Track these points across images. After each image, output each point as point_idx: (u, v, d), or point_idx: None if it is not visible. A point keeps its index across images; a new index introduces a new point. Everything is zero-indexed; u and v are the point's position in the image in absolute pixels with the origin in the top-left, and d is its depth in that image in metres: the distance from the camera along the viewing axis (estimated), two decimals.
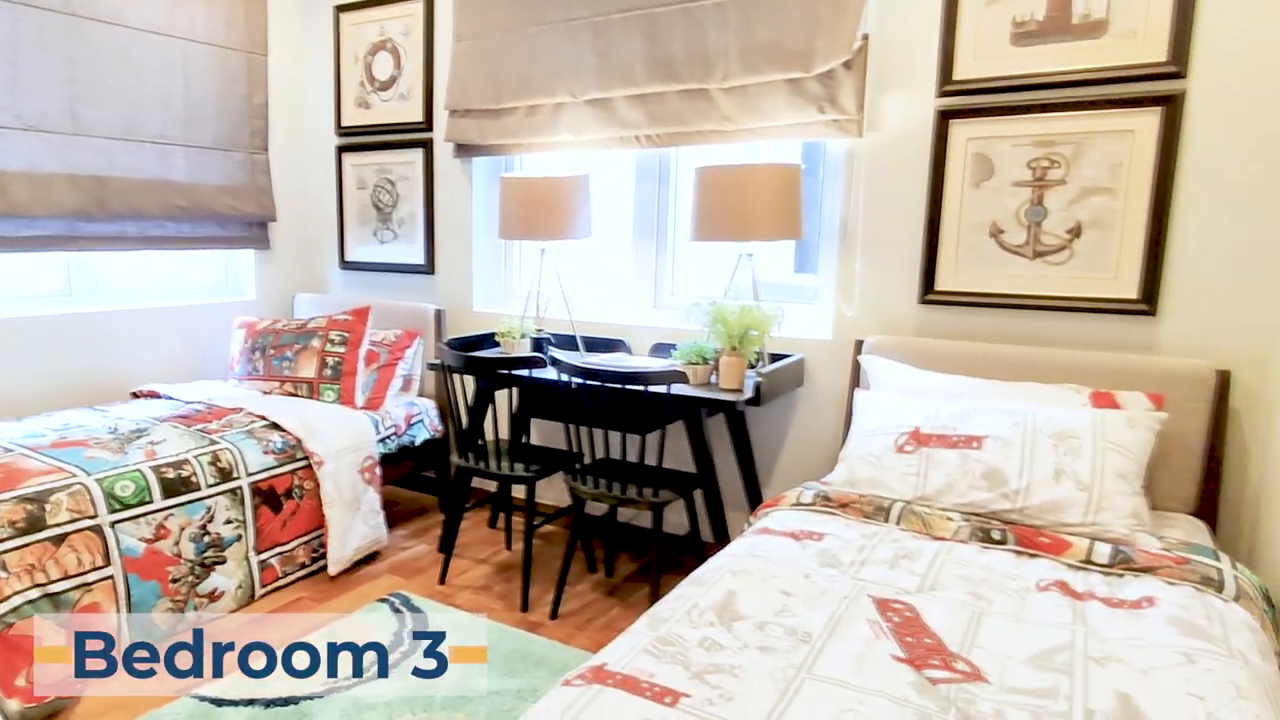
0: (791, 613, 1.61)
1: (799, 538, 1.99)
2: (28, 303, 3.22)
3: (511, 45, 3.28)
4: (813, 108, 2.67)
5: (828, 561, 1.86)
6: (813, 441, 2.88)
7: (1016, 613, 1.64)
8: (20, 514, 2.19)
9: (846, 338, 2.78)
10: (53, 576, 2.20)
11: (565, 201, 2.98)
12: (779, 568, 1.81)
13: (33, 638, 2.11)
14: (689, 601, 1.66)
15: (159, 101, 3.41)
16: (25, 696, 2.06)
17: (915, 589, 1.73)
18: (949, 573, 1.81)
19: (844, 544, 1.95)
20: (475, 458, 2.79)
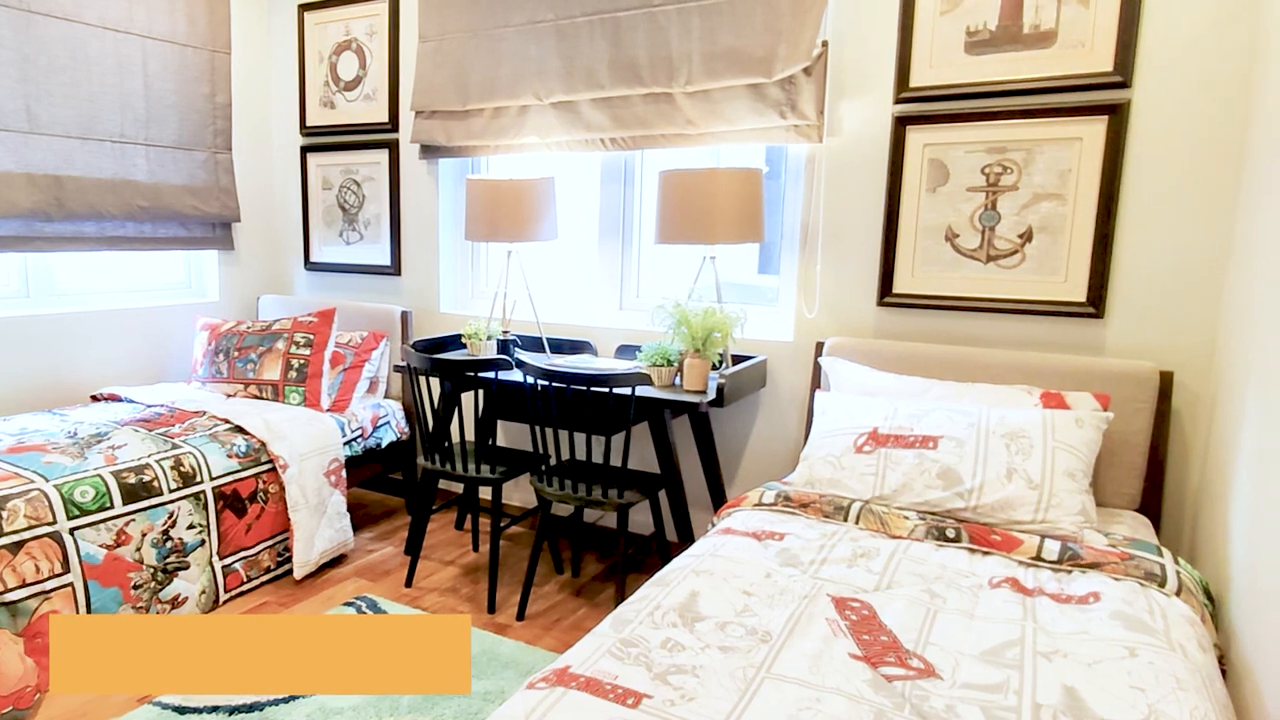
0: (752, 612, 1.63)
1: (760, 538, 2.01)
2: None
3: (477, 47, 3.25)
4: (774, 113, 2.68)
5: (788, 561, 1.88)
6: (775, 442, 2.91)
7: (969, 609, 1.67)
8: None
9: (808, 339, 2.80)
10: (9, 585, 2.14)
11: (531, 203, 2.96)
12: (741, 568, 1.83)
13: None
14: (652, 602, 1.67)
15: (118, 100, 3.32)
16: None
17: (872, 587, 1.75)
18: (905, 571, 1.83)
19: (804, 544, 1.97)
20: (441, 460, 2.77)
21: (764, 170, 2.69)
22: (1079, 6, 2.30)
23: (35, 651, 2.17)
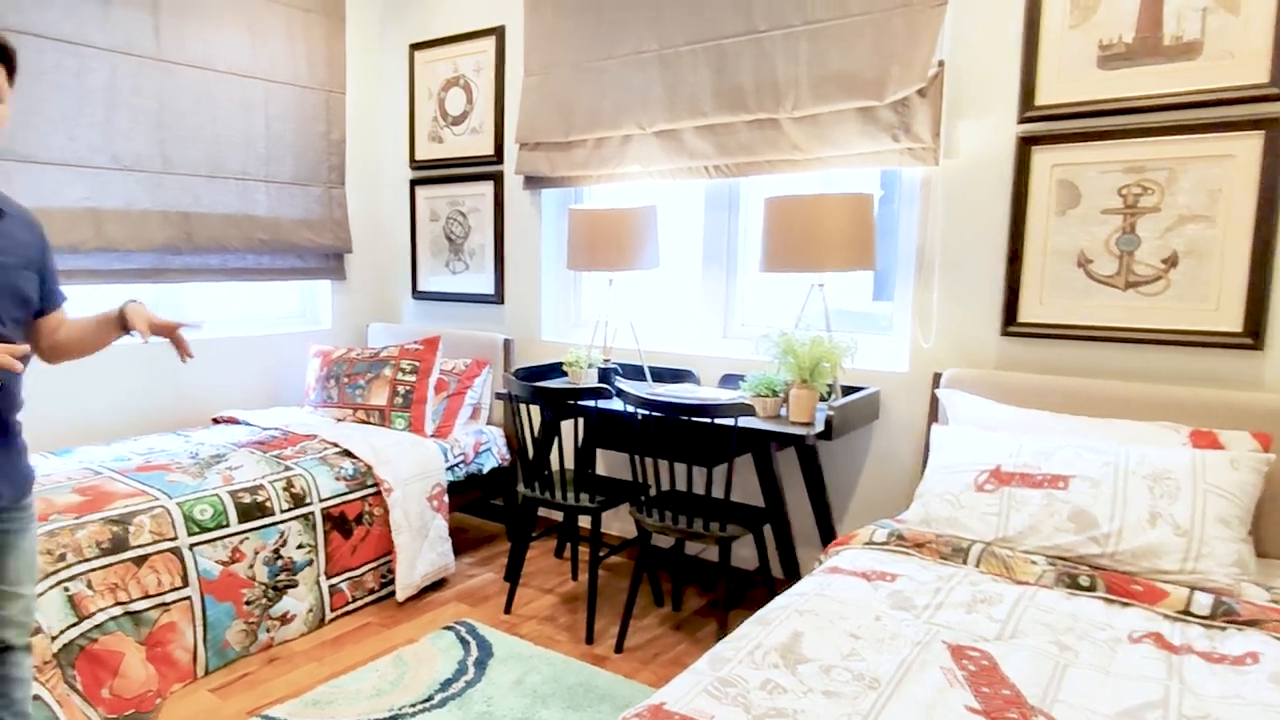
0: (859, 656, 1.60)
1: (870, 578, 1.97)
2: None
3: (580, 79, 3.40)
4: (886, 136, 2.68)
5: (900, 604, 1.84)
6: (888, 477, 2.85)
7: (1105, 665, 1.58)
8: (106, 535, 2.34)
9: (924, 370, 2.75)
10: (134, 595, 2.33)
11: (632, 232, 3.05)
12: (848, 609, 1.80)
13: (115, 653, 2.24)
14: (752, 641, 1.66)
15: (242, 140, 3.64)
16: (109, 707, 2.19)
17: (994, 636, 1.69)
18: (1031, 620, 1.76)
19: (918, 586, 1.92)
20: (541, 487, 2.85)
21: (878, 195, 2.69)
22: (1227, 15, 2.21)
23: (156, 659, 2.35)
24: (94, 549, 2.29)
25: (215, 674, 2.51)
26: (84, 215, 3.14)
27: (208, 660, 2.49)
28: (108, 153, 3.20)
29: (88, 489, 2.52)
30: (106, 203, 3.21)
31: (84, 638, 2.20)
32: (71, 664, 2.16)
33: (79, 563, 2.25)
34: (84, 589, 2.24)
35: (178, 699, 2.37)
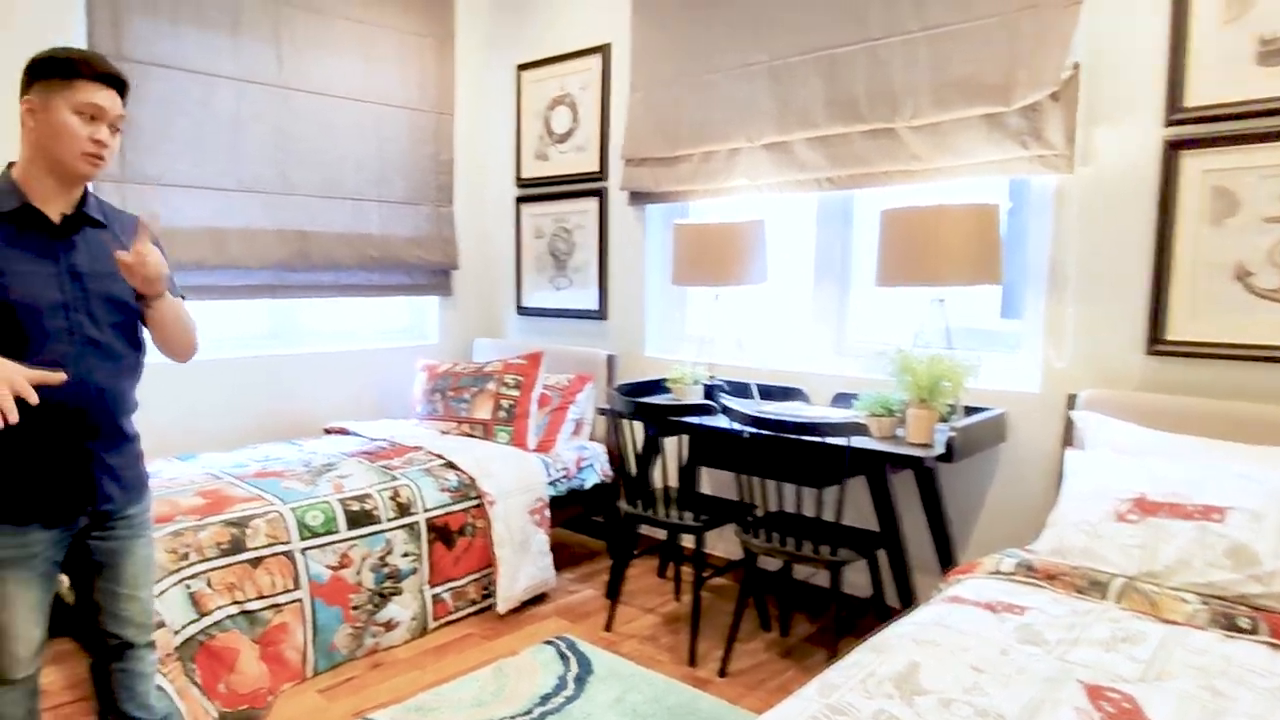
0: (983, 691, 1.52)
1: (996, 609, 1.88)
2: (238, 346, 3.69)
3: (687, 93, 3.44)
4: (1014, 143, 2.59)
5: (1029, 638, 1.75)
6: (1015, 504, 2.73)
7: (1265, 715, 1.46)
8: (226, 537, 2.48)
9: (1057, 391, 2.63)
10: (249, 595, 2.46)
11: (740, 246, 3.05)
12: (971, 640, 1.72)
13: (231, 649, 2.37)
14: (865, 669, 1.61)
15: (355, 161, 3.85)
16: (225, 701, 2.31)
17: (1136, 677, 1.58)
18: (1180, 661, 1.64)
19: (1050, 620, 1.83)
20: (643, 504, 2.86)
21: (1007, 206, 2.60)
22: None
23: (268, 658, 2.47)
24: (214, 549, 2.43)
25: (323, 675, 2.61)
26: (208, 234, 3.37)
27: (316, 662, 2.59)
28: (232, 175, 3.44)
29: (209, 492, 2.68)
30: (229, 222, 3.44)
31: (203, 633, 2.33)
32: (191, 658, 2.29)
33: (200, 562, 2.40)
34: (204, 587, 2.37)
35: (287, 698, 2.48)
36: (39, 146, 1.65)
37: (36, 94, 1.65)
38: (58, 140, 1.64)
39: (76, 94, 1.64)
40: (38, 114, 1.64)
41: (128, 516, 1.82)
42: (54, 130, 1.63)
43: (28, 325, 1.62)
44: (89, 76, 1.65)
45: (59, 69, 1.64)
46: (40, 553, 1.70)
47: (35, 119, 1.64)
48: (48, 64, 1.65)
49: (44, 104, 1.64)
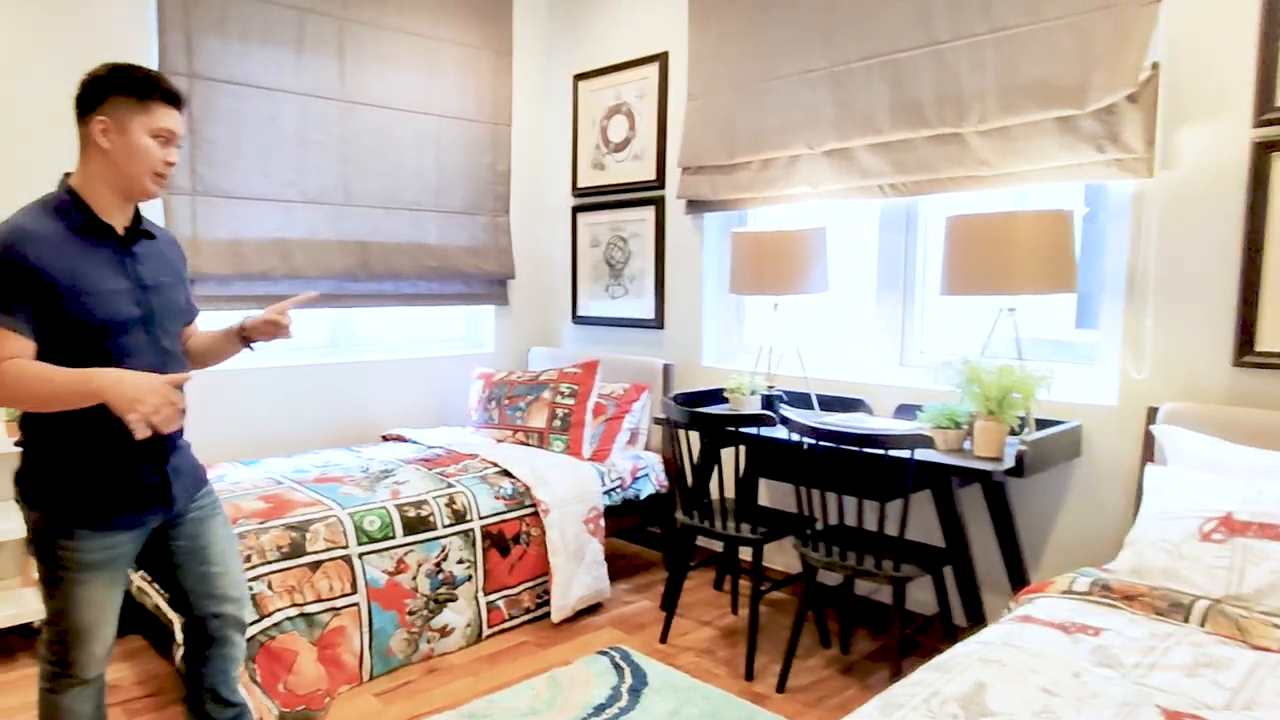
0: (1054, 714, 1.48)
1: (1069, 630, 1.83)
2: (300, 354, 3.80)
3: (745, 101, 3.44)
4: (1089, 147, 2.54)
5: (1104, 660, 1.69)
6: (1090, 521, 2.65)
7: None
8: (286, 540, 2.54)
9: (1136, 404, 2.55)
10: (308, 598, 2.52)
11: (799, 255, 3.03)
12: (1041, 662, 1.68)
13: (290, 650, 2.43)
14: (928, 688, 1.58)
15: (415, 172, 3.94)
16: (284, 701, 2.37)
17: (1222, 705, 1.52)
18: (1272, 690, 1.57)
19: (1127, 642, 1.77)
20: (700, 515, 2.85)
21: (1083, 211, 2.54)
22: None
23: (326, 660, 2.52)
24: (275, 552, 2.50)
25: (379, 679, 2.65)
26: (274, 245, 3.49)
27: (372, 665, 2.64)
28: (297, 187, 3.56)
29: (271, 497, 2.76)
30: (293, 233, 3.55)
31: (264, 634, 2.39)
32: (252, 657, 2.36)
33: (261, 564, 2.46)
34: (265, 589, 2.44)
35: (344, 700, 2.53)
36: (112, 165, 1.69)
37: (110, 115, 1.67)
38: (133, 161, 1.69)
39: (153, 119, 1.70)
40: (112, 135, 1.67)
41: (197, 503, 1.91)
42: (130, 152, 1.68)
43: (113, 343, 1.68)
44: (164, 100, 1.71)
45: (136, 89, 1.68)
46: (124, 554, 1.78)
47: (110, 139, 1.68)
48: (121, 83, 1.68)
49: (119, 126, 1.67)
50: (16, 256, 1.59)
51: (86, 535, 1.70)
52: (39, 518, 1.70)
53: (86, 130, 1.70)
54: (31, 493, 1.70)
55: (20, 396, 1.57)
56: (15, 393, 1.57)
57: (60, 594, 1.71)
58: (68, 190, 1.72)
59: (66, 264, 1.64)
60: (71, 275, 1.63)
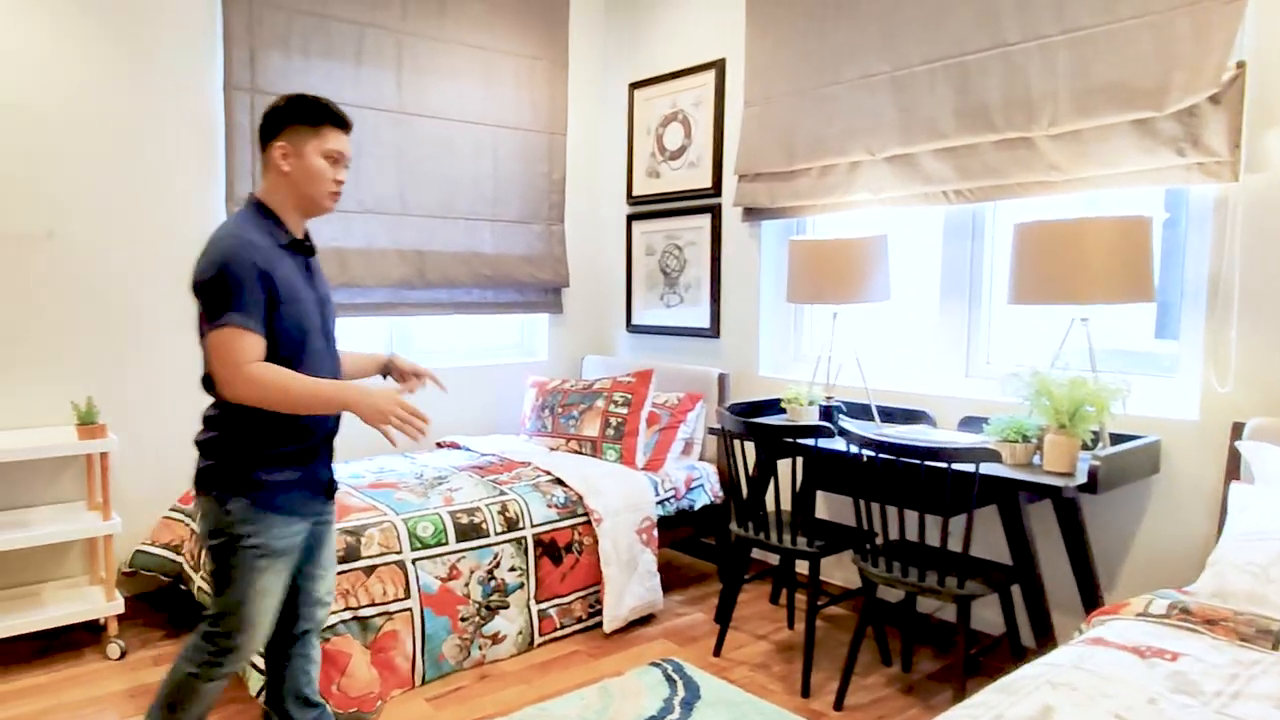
0: None
1: (1144, 654, 1.76)
2: None
3: (804, 107, 3.43)
4: (1168, 150, 2.46)
5: (1182, 687, 1.62)
6: (1170, 541, 2.56)
7: None
8: (342, 544, 2.59)
9: (1219, 419, 2.46)
10: (362, 602, 2.56)
11: (859, 263, 3.00)
12: (1113, 686, 1.61)
13: (344, 653, 2.47)
14: (992, 711, 1.54)
15: (471, 182, 4.01)
16: (337, 702, 2.42)
17: None
18: None
19: (1208, 669, 1.69)
20: (755, 527, 2.83)
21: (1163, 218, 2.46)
22: None
23: (379, 664, 2.56)
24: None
25: (431, 684, 2.69)
26: (332, 254, 3.58)
27: (424, 670, 2.67)
28: (354, 197, 3.65)
29: None
30: (350, 242, 3.64)
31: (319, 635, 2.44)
32: None
33: None
34: None
35: (396, 704, 2.57)
36: (293, 185, 1.89)
37: (289, 139, 1.87)
38: (311, 182, 1.89)
39: (326, 141, 1.89)
40: (291, 158, 1.87)
41: (328, 506, 2.07)
42: (308, 173, 1.88)
43: (308, 349, 1.88)
44: (334, 124, 1.91)
45: (308, 117, 1.88)
46: (300, 544, 1.94)
47: (289, 163, 1.88)
48: (296, 112, 1.88)
49: (297, 149, 1.87)
50: (250, 265, 1.77)
51: (280, 522, 1.86)
52: (238, 506, 1.82)
53: (269, 156, 1.90)
54: (231, 482, 1.83)
55: (272, 398, 1.75)
56: (269, 394, 1.75)
57: (242, 583, 1.84)
58: (263, 206, 1.91)
59: (282, 273, 1.83)
60: (286, 284, 1.83)
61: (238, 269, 1.75)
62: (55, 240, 3.04)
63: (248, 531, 1.83)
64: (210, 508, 1.84)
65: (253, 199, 1.92)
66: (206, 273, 1.76)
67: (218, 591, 1.86)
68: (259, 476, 1.84)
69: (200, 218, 3.33)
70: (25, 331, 3.01)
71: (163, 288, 3.27)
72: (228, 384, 1.76)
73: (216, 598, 1.86)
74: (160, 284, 3.27)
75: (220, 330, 1.75)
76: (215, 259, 1.76)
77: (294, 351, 1.85)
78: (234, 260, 1.76)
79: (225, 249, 1.77)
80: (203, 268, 1.77)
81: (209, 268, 1.76)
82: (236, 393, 1.76)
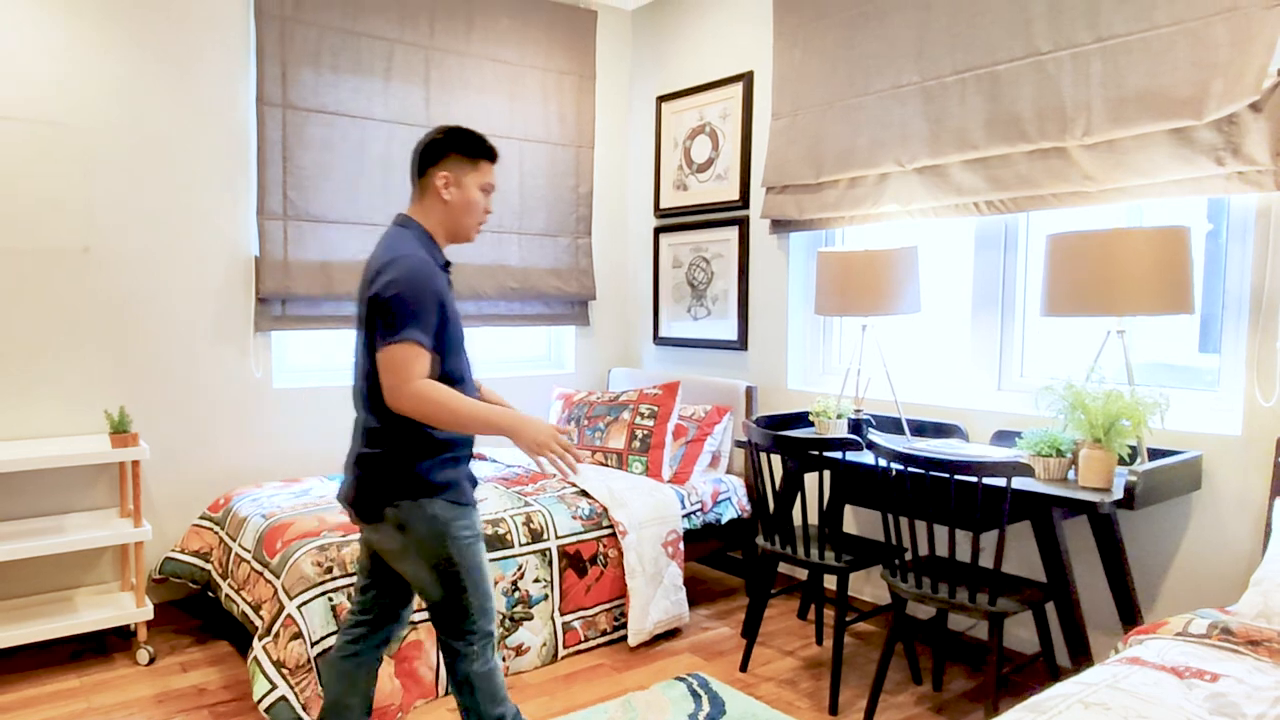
0: None
1: (1183, 675, 1.72)
2: None
3: (832, 118, 3.42)
4: (1207, 159, 2.42)
5: (1221, 709, 1.58)
6: (1212, 559, 2.50)
7: None
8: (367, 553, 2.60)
9: (1263, 433, 2.40)
10: None
11: (889, 275, 2.98)
12: (1150, 708, 1.57)
13: None
14: None
15: (499, 195, 4.04)
16: None
17: None
18: None
19: (1249, 691, 1.65)
20: (781, 541, 2.81)
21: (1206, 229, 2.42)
22: None
23: (402, 675, 2.56)
24: (356, 565, 2.56)
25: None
26: (359, 267, 3.62)
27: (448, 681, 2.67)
28: (383, 211, 3.69)
29: None
30: None
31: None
32: None
33: (342, 576, 2.53)
34: (345, 601, 2.50)
35: (420, 714, 2.57)
36: (450, 213, 2.02)
37: (450, 170, 2.00)
38: (468, 212, 2.03)
39: (481, 175, 2.04)
40: (452, 188, 2.00)
41: None
42: (466, 204, 2.02)
43: (461, 365, 2.01)
44: (489, 158, 2.05)
45: (467, 149, 2.01)
46: None
47: (450, 192, 2.00)
48: (456, 144, 2.01)
49: (458, 180, 2.01)
50: (435, 289, 1.89)
51: (472, 511, 2.01)
52: (437, 506, 1.94)
53: (429, 182, 2.02)
54: (421, 488, 1.93)
55: (436, 414, 1.82)
56: (435, 411, 1.82)
57: (471, 567, 1.98)
58: (427, 234, 2.03)
59: (448, 294, 1.95)
60: (450, 305, 1.95)
61: (424, 290, 1.86)
62: (90, 254, 3.11)
63: (457, 522, 1.96)
64: (408, 517, 1.93)
65: (411, 221, 2.02)
66: (396, 289, 1.84)
67: (453, 592, 1.96)
68: (443, 477, 1.95)
69: (231, 231, 3.39)
70: (61, 343, 3.08)
71: (194, 300, 3.33)
72: (395, 395, 1.83)
73: (454, 599, 1.97)
74: (191, 296, 3.33)
75: (400, 345, 1.83)
76: (406, 277, 1.85)
77: (455, 366, 1.97)
78: (422, 281, 1.86)
79: (415, 269, 1.87)
80: (392, 282, 1.85)
81: (399, 285, 1.85)
82: (401, 405, 1.83)
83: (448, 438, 1.97)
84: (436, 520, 1.93)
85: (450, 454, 1.98)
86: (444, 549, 1.94)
